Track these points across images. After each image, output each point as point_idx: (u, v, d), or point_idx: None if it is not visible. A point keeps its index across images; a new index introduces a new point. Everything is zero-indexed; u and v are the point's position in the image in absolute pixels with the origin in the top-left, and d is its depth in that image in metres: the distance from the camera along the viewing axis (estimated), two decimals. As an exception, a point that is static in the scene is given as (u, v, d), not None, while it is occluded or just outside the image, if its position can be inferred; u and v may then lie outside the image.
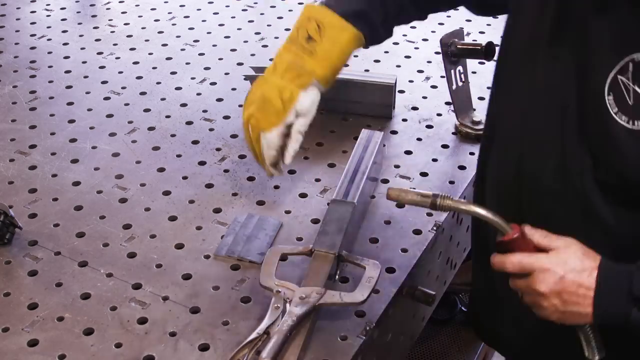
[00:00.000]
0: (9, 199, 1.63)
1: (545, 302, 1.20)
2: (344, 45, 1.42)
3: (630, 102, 1.12)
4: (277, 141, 1.43)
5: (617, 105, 1.14)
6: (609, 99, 1.15)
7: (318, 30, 1.40)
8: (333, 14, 1.41)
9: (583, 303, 1.17)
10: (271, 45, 2.25)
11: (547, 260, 1.19)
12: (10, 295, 1.40)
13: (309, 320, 1.30)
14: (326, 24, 1.41)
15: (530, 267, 1.20)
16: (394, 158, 1.78)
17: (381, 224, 1.58)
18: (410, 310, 1.56)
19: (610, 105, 1.15)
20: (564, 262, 1.18)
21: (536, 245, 1.22)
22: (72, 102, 1.99)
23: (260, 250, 1.49)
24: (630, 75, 1.12)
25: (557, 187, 1.27)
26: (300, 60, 1.41)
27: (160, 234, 1.55)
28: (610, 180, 1.20)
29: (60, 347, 1.30)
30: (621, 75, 1.13)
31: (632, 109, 1.13)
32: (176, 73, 2.11)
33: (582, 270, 1.17)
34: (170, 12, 2.43)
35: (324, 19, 1.41)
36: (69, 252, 1.50)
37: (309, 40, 1.41)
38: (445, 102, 1.97)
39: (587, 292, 1.17)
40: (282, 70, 1.42)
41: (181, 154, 1.79)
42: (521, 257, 1.21)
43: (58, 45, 2.26)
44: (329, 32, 1.41)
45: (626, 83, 1.12)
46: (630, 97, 1.12)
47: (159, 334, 1.33)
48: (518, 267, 1.21)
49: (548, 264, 1.18)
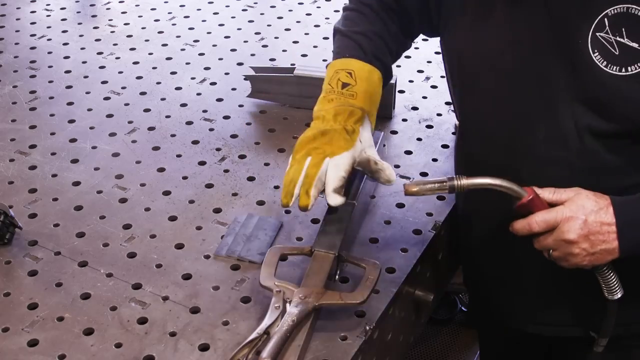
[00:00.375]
0: (9, 199, 1.63)
1: (576, 249, 1.26)
2: (377, 85, 1.50)
3: (616, 52, 1.21)
4: (348, 162, 1.39)
5: (605, 59, 1.22)
6: (595, 55, 1.23)
7: (350, 76, 1.46)
8: (357, 60, 1.49)
9: (609, 239, 1.25)
10: (271, 45, 2.25)
11: (567, 210, 1.26)
12: (10, 295, 1.40)
13: (309, 320, 1.30)
14: (356, 69, 1.48)
15: (554, 220, 1.26)
16: (394, 158, 1.78)
17: (381, 224, 1.58)
18: (410, 310, 1.56)
19: (598, 60, 1.23)
20: (582, 207, 1.26)
21: (549, 202, 1.28)
22: (72, 102, 1.99)
23: (260, 250, 1.49)
24: (608, 30, 1.21)
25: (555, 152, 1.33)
26: (346, 103, 1.44)
27: (160, 234, 1.55)
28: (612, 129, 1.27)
29: (60, 347, 1.30)
30: (599, 32, 1.22)
31: (620, 58, 1.21)
32: (176, 73, 2.12)
33: (599, 209, 1.25)
34: (170, 12, 2.43)
35: (353, 66, 1.48)
36: (69, 252, 1.50)
37: (345, 86, 1.46)
38: (445, 102, 1.97)
39: (609, 227, 1.25)
40: (332, 116, 1.43)
41: (181, 154, 1.79)
42: (543, 214, 1.27)
43: (58, 45, 2.26)
44: (361, 74, 1.47)
45: (606, 37, 1.21)
46: (615, 49, 1.21)
47: (159, 334, 1.33)
48: (544, 224, 1.27)
49: (569, 213, 1.26)
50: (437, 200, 1.65)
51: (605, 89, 1.24)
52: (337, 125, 1.41)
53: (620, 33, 1.20)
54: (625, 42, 1.20)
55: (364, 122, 1.44)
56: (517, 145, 1.38)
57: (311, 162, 1.37)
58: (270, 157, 1.78)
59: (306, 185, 1.35)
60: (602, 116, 1.27)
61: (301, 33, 2.32)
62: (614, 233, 1.25)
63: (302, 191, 1.35)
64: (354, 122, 1.42)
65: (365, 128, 1.44)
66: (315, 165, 1.36)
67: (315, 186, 1.35)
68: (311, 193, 1.35)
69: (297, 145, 1.41)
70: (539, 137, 1.34)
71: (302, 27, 2.35)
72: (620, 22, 1.20)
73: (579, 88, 1.27)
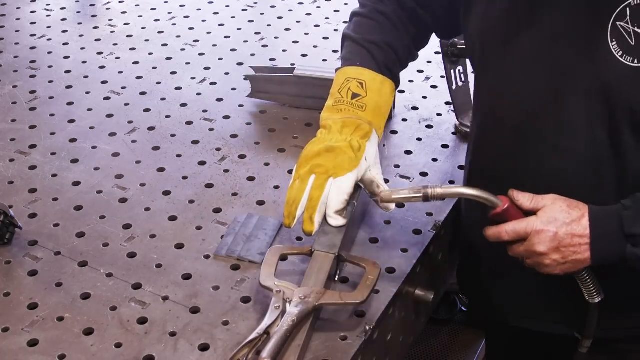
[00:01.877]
0: (9, 199, 1.63)
1: (546, 260, 1.28)
2: (388, 96, 1.50)
3: (632, 42, 1.22)
4: (351, 184, 1.40)
5: (621, 49, 1.23)
6: (612, 44, 1.23)
7: (361, 86, 1.46)
8: (370, 71, 1.48)
9: (580, 250, 1.27)
10: (271, 46, 2.25)
11: (538, 221, 1.28)
12: (10, 295, 1.40)
13: (309, 320, 1.30)
14: (368, 80, 1.47)
15: (524, 231, 1.28)
16: (394, 158, 1.78)
17: (381, 224, 1.58)
18: (410, 310, 1.56)
19: (615, 50, 1.23)
20: (554, 219, 1.27)
21: (525, 210, 1.30)
22: (72, 102, 1.99)
23: (260, 250, 1.49)
24: (629, 20, 1.21)
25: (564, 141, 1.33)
26: (355, 115, 1.44)
27: (160, 234, 1.55)
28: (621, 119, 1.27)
29: (60, 347, 1.30)
30: (619, 21, 1.22)
31: (635, 49, 1.22)
32: (176, 73, 2.12)
33: (571, 221, 1.27)
34: (170, 12, 2.44)
35: (365, 77, 1.48)
36: (69, 252, 1.50)
37: (355, 97, 1.45)
38: (445, 102, 1.97)
39: (581, 239, 1.27)
40: (338, 128, 1.43)
41: (181, 154, 1.79)
42: (514, 225, 1.29)
43: (58, 45, 2.26)
44: (372, 86, 1.47)
45: (625, 27, 1.22)
46: (632, 39, 1.22)
47: (159, 334, 1.33)
48: (513, 235, 1.30)
49: (540, 225, 1.27)
50: (437, 200, 1.64)
51: (618, 79, 1.24)
52: (343, 139, 1.41)
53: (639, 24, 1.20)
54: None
55: (371, 136, 1.45)
56: (526, 130, 1.37)
57: (315, 184, 1.38)
58: (270, 157, 1.78)
59: (310, 210, 1.37)
60: (612, 106, 1.27)
61: (301, 33, 2.32)
62: (586, 245, 1.27)
63: (307, 216, 1.38)
64: (361, 137, 1.43)
65: (372, 143, 1.45)
66: (319, 187, 1.38)
67: (319, 212, 1.38)
68: (315, 219, 1.38)
69: (301, 159, 1.42)
70: (548, 124, 1.34)
71: (302, 27, 2.35)
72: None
73: (594, 76, 1.27)
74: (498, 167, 1.45)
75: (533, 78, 1.34)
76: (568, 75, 1.30)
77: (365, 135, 1.44)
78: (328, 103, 1.48)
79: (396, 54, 1.52)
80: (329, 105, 1.48)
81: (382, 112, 1.49)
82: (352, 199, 1.45)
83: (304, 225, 1.38)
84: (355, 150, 1.41)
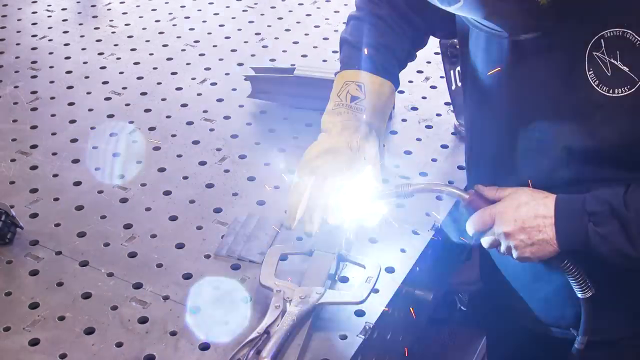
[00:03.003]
0: (10, 198, 1.63)
1: (514, 241, 1.32)
2: (387, 97, 1.50)
3: (608, 73, 1.23)
4: (350, 185, 1.40)
5: (597, 78, 1.24)
6: (590, 73, 1.25)
7: (360, 89, 1.47)
8: (368, 73, 1.49)
9: (544, 229, 1.30)
10: (271, 46, 2.25)
11: (501, 205, 1.34)
12: (12, 294, 1.41)
13: (309, 320, 1.30)
14: (367, 83, 1.48)
15: (489, 216, 1.34)
16: (394, 158, 1.78)
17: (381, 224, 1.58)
18: (410, 309, 1.56)
19: (592, 79, 1.25)
20: (516, 201, 1.32)
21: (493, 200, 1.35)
22: (73, 103, 1.99)
23: (260, 250, 1.49)
24: (604, 50, 1.23)
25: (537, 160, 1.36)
26: (354, 117, 1.45)
27: (161, 233, 1.56)
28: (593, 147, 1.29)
29: (61, 347, 1.31)
30: (595, 51, 1.24)
31: (610, 79, 1.23)
32: (177, 73, 2.12)
33: (533, 201, 1.31)
34: (170, 13, 2.44)
35: (363, 79, 1.48)
36: (70, 251, 1.51)
37: (354, 99, 1.46)
38: (445, 102, 1.98)
39: (545, 219, 1.30)
40: (338, 130, 1.44)
41: (182, 154, 1.80)
42: (480, 212, 1.35)
43: (59, 46, 2.26)
44: (371, 88, 1.48)
45: (602, 58, 1.23)
46: (608, 69, 1.23)
47: (160, 333, 1.33)
48: (480, 221, 1.35)
49: (502, 208, 1.33)
50: (436, 200, 1.65)
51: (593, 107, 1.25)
52: (342, 140, 1.42)
53: (614, 55, 1.22)
54: (618, 64, 1.22)
55: (370, 137, 1.45)
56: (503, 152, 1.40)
57: (315, 185, 1.39)
58: (271, 157, 1.79)
59: (309, 211, 1.38)
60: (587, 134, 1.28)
61: (301, 34, 2.32)
62: (550, 225, 1.29)
63: (307, 217, 1.38)
64: (360, 139, 1.43)
65: (371, 144, 1.45)
66: (319, 188, 1.39)
67: (318, 212, 1.38)
68: (314, 220, 1.38)
69: (302, 162, 1.43)
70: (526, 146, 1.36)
71: (302, 27, 2.36)
72: (615, 45, 1.21)
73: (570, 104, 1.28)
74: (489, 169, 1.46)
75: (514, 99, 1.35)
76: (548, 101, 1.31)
77: (365, 137, 1.44)
78: (328, 107, 1.49)
79: (394, 56, 1.52)
80: (329, 109, 1.49)
81: (382, 113, 1.50)
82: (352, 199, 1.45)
83: (305, 227, 1.39)
84: (354, 151, 1.42)
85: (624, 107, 1.22)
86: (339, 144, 1.42)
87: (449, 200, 1.64)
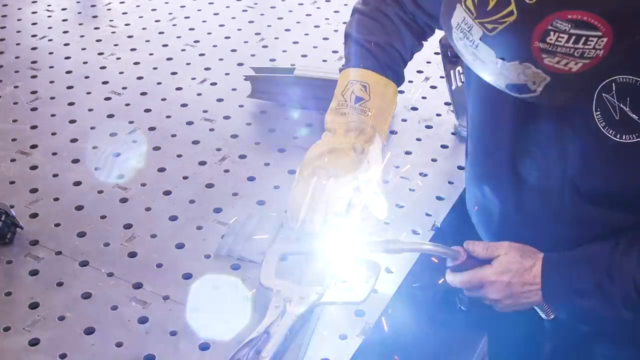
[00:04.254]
0: (10, 198, 1.63)
1: (500, 304, 1.38)
2: (391, 99, 1.50)
3: (617, 117, 1.21)
4: (352, 187, 1.40)
5: (604, 120, 1.22)
6: (597, 114, 1.23)
7: (364, 90, 1.46)
8: (373, 73, 1.48)
9: (532, 296, 1.35)
10: (271, 46, 2.25)
11: (491, 272, 1.35)
12: (12, 294, 1.41)
13: (309, 320, 1.30)
14: (371, 83, 1.47)
15: (478, 282, 1.37)
16: (394, 158, 1.78)
17: (381, 224, 1.58)
18: (410, 310, 1.56)
19: (598, 119, 1.23)
20: (507, 269, 1.34)
21: (482, 258, 1.37)
22: (73, 103, 1.99)
23: (260, 250, 1.49)
24: (614, 94, 1.20)
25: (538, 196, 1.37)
26: (358, 120, 1.45)
27: (161, 233, 1.56)
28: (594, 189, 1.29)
29: (62, 347, 1.31)
30: (605, 93, 1.21)
31: (618, 124, 1.22)
32: (177, 73, 2.12)
33: (523, 271, 1.34)
34: (170, 13, 2.44)
35: (368, 79, 1.48)
36: (70, 251, 1.51)
37: (358, 100, 1.46)
38: (445, 102, 1.98)
39: (532, 287, 1.34)
40: (343, 131, 1.44)
41: (181, 154, 1.80)
42: (469, 276, 1.37)
43: (59, 46, 2.26)
44: (375, 89, 1.47)
45: (611, 101, 1.21)
46: (617, 114, 1.21)
47: (160, 334, 1.34)
48: (469, 284, 1.38)
49: (493, 276, 1.35)
50: (436, 200, 1.65)
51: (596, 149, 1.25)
52: (346, 142, 1.42)
53: (624, 101, 1.20)
54: (627, 110, 1.20)
55: (374, 140, 1.45)
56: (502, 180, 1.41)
57: (316, 185, 1.39)
58: (270, 157, 1.79)
59: (311, 211, 1.38)
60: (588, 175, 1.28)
61: (301, 33, 2.32)
62: (537, 291, 1.34)
63: (308, 217, 1.38)
64: (364, 141, 1.43)
65: (375, 146, 1.45)
66: (320, 188, 1.39)
67: (319, 212, 1.38)
68: (315, 220, 1.38)
69: (305, 161, 1.43)
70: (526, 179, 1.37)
71: (302, 27, 2.36)
72: (626, 91, 1.19)
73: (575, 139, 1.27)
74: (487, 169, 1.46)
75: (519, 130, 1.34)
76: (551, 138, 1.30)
77: (369, 140, 1.44)
78: (332, 105, 1.49)
79: (400, 54, 1.52)
80: (332, 107, 1.48)
81: (385, 115, 1.49)
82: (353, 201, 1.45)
83: (305, 226, 1.39)
84: (358, 153, 1.42)
85: (629, 153, 1.21)
86: (342, 145, 1.42)
87: (449, 200, 1.64)
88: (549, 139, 1.30)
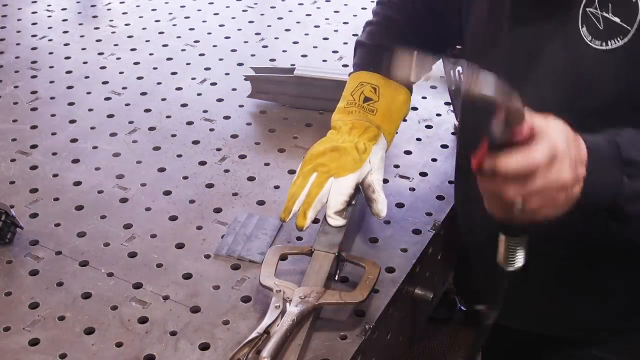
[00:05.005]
0: (10, 198, 1.63)
1: (562, 195, 1.03)
2: (402, 102, 1.50)
3: (601, 27, 1.22)
4: (352, 185, 1.41)
5: (590, 34, 1.24)
6: (583, 30, 1.24)
7: (374, 91, 1.47)
8: (384, 77, 1.48)
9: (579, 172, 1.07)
10: (271, 46, 2.25)
11: (551, 146, 1.01)
12: (12, 294, 1.41)
13: (309, 320, 1.30)
14: (382, 85, 1.47)
15: (551, 154, 1.01)
16: (394, 158, 1.78)
17: (381, 224, 1.58)
18: (410, 310, 1.56)
19: (585, 35, 1.24)
20: (563, 141, 1.04)
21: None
22: (73, 103, 1.99)
23: (260, 250, 1.49)
24: (597, 5, 1.23)
25: None
26: (365, 118, 1.45)
27: (161, 233, 1.56)
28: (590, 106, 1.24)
29: (61, 347, 1.31)
30: (588, 7, 1.23)
31: (603, 33, 1.23)
32: (177, 73, 2.12)
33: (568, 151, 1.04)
34: (170, 13, 2.44)
35: (379, 82, 1.48)
36: (70, 251, 1.51)
37: (367, 100, 1.46)
38: (445, 102, 1.98)
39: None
40: (347, 129, 1.44)
41: (181, 154, 1.80)
42: (527, 154, 1.01)
43: (59, 46, 2.26)
44: (385, 91, 1.47)
45: (594, 13, 1.23)
46: (600, 24, 1.23)
47: (160, 333, 1.34)
48: (534, 165, 1.00)
49: (557, 150, 1.02)
50: (436, 200, 1.65)
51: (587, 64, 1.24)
52: (350, 140, 1.42)
53: (607, 8, 1.22)
54: (609, 16, 1.22)
55: (379, 140, 1.45)
56: None
57: (315, 181, 1.39)
58: (271, 157, 1.79)
59: (305, 205, 1.38)
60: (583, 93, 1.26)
61: (301, 33, 2.32)
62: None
63: (301, 211, 1.38)
64: (368, 140, 1.43)
65: (379, 146, 1.45)
66: (319, 185, 1.39)
67: (313, 208, 1.38)
68: (308, 215, 1.38)
69: (306, 157, 1.43)
70: None
71: (302, 27, 2.36)
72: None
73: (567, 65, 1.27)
74: None
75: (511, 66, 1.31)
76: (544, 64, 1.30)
77: (373, 138, 1.44)
78: (340, 105, 1.49)
79: None
80: (340, 107, 1.49)
81: (394, 117, 1.49)
82: (352, 199, 1.45)
83: (297, 220, 1.39)
84: (360, 152, 1.42)
85: (618, 58, 1.21)
86: (345, 143, 1.42)
87: (449, 200, 1.64)
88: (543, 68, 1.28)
